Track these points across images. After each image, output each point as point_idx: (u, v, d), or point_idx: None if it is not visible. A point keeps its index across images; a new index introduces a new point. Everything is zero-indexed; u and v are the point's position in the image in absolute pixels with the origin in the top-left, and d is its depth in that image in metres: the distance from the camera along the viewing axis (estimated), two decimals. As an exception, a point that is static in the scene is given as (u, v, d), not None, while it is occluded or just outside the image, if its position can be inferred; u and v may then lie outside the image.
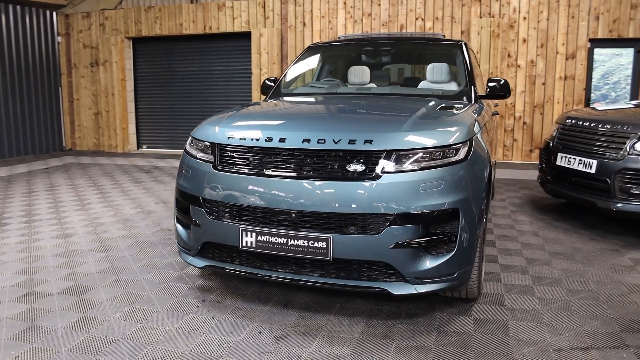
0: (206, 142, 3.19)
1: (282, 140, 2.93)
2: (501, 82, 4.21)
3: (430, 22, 9.39)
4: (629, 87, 9.70)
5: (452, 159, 2.87)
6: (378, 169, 2.78)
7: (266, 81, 4.72)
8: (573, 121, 5.17)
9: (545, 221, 5.30)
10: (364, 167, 2.79)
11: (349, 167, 2.80)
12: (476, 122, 3.34)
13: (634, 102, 6.01)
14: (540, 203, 6.12)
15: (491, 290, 3.54)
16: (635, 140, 4.48)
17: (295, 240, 2.80)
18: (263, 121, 3.37)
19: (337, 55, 5.00)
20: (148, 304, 3.29)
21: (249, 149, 2.99)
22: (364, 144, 2.82)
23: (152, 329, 2.95)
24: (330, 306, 3.26)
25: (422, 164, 2.81)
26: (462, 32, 9.30)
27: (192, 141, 3.36)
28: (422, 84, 4.33)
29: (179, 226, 3.37)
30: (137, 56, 10.94)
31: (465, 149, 2.94)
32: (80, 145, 11.38)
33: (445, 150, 2.87)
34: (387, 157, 2.79)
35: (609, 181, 4.57)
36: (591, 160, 4.76)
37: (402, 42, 4.69)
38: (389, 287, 2.83)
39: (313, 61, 4.91)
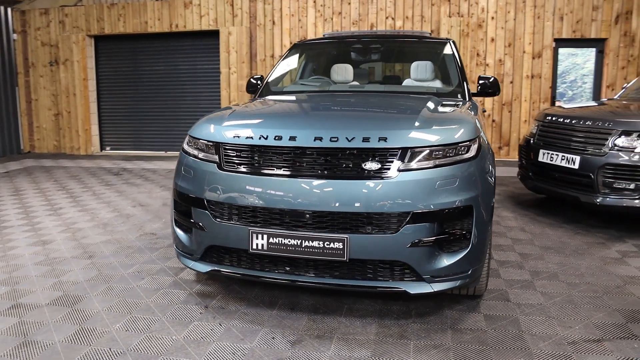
0: (209, 142, 3.06)
1: (292, 138, 2.84)
2: (490, 80, 4.26)
3: (401, 21, 9.45)
4: (584, 85, 10.07)
5: (465, 156, 2.86)
6: (394, 167, 2.73)
7: (251, 80, 4.61)
8: (553, 118, 5.28)
9: (529, 217, 5.40)
10: (379, 165, 2.73)
11: (365, 165, 2.74)
12: (477, 120, 3.35)
13: (596, 102, 6.21)
14: (520, 199, 6.25)
15: (493, 286, 3.56)
16: (616, 136, 4.61)
17: (310, 242, 2.72)
18: (267, 119, 3.26)
19: (325, 53, 4.94)
20: (147, 312, 3.13)
21: (257, 148, 2.89)
22: (379, 141, 2.77)
23: (158, 339, 2.80)
24: (338, 308, 3.20)
25: (437, 162, 2.78)
26: (431, 31, 9.40)
27: (190, 140, 3.22)
28: (415, 82, 4.32)
29: (178, 230, 3.23)
30: (100, 55, 10.54)
31: (475, 146, 2.94)
32: (39, 147, 10.87)
33: (457, 147, 2.85)
34: (403, 155, 2.75)
35: (592, 176, 4.69)
36: (574, 156, 4.87)
37: (392, 40, 4.67)
38: (406, 286, 2.79)
39: (300, 59, 4.82)
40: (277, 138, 2.86)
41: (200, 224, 2.99)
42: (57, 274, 3.74)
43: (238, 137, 2.96)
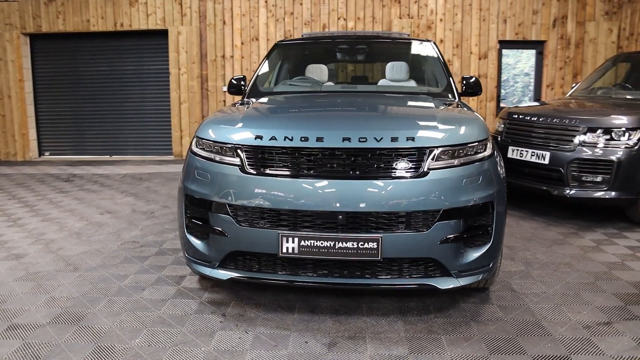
0: (227, 144, 2.96)
1: (319, 139, 2.81)
2: (472, 80, 4.40)
3: (352, 22, 9.57)
4: (516, 85, 10.69)
5: (484, 154, 2.96)
6: (424, 166, 2.78)
7: (233, 80, 4.49)
8: (520, 116, 5.56)
9: (501, 210, 5.64)
10: (410, 165, 2.77)
11: (395, 165, 2.76)
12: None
13: (555, 100, 6.60)
14: (485, 193, 6.50)
15: (495, 277, 3.70)
16: (583, 132, 4.92)
17: (344, 243, 2.71)
18: (287, 120, 3.19)
19: (311, 53, 4.91)
20: (164, 325, 2.98)
21: (283, 150, 2.83)
22: (407, 141, 2.81)
23: (188, 352, 2.68)
24: (358, 308, 3.20)
25: (462, 160, 2.86)
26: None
27: (202, 143, 3.10)
28: (404, 83, 4.39)
29: (191, 237, 3.10)
30: (37, 55, 9.86)
31: (490, 144, 3.05)
32: (-33, 155, 10.02)
33: (477, 145, 2.94)
34: (431, 154, 2.80)
35: (562, 171, 4.98)
36: (544, 152, 5.15)
37: (377, 41, 4.72)
38: (436, 282, 2.84)
39: (284, 59, 4.77)
40: (303, 139, 2.82)
41: (221, 229, 2.89)
42: (46, 290, 3.48)
43: (260, 138, 2.88)
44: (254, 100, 3.94)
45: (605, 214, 5.36)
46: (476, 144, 2.94)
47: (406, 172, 2.76)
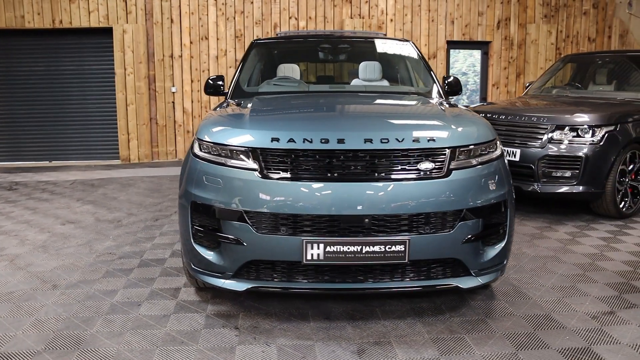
0: (240, 147, 2.80)
1: (340, 141, 2.73)
2: (452, 80, 4.46)
3: (304, 21, 9.50)
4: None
5: (496, 154, 3.00)
6: (446, 166, 2.76)
7: (209, 81, 4.30)
8: (489, 115, 5.71)
9: (472, 206, 5.78)
10: (433, 165, 2.75)
11: (419, 165, 2.73)
12: None
13: (519, 99, 6.87)
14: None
15: (492, 274, 3.76)
16: (552, 130, 5.14)
17: (371, 247, 2.64)
18: (303, 121, 3.07)
19: (292, 52, 4.79)
20: (175, 342, 2.79)
21: (304, 153, 2.72)
22: (428, 142, 2.78)
23: (213, 370, 2.52)
24: (371, 312, 3.14)
25: (478, 159, 2.88)
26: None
27: (206, 146, 2.92)
28: (391, 82, 4.38)
29: (199, 247, 2.92)
30: (-38, 53, 9.04)
31: (499, 144, 3.09)
32: None
33: (489, 145, 2.98)
34: (452, 154, 2.80)
35: (533, 167, 5.17)
36: (514, 149, 5.32)
37: (359, 40, 4.67)
38: (459, 282, 2.85)
39: (263, 58, 4.62)
40: (323, 141, 2.73)
41: (238, 238, 2.73)
42: (28, 312, 3.16)
43: (277, 141, 2.75)
44: (243, 100, 3.78)
45: (569, 208, 5.62)
46: (489, 143, 2.97)
47: (430, 172, 2.74)
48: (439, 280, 2.82)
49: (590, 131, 5.03)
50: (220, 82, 4.26)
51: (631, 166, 5.24)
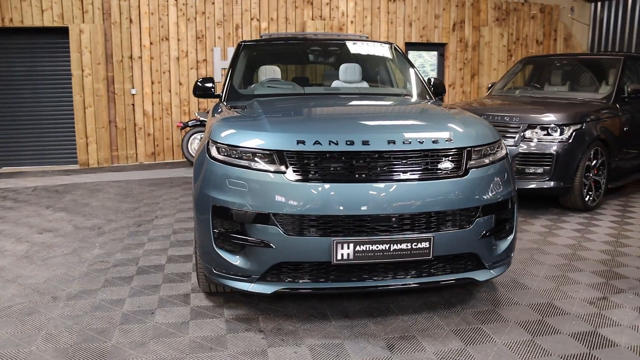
0: (265, 150, 2.82)
1: (365, 143, 2.80)
2: (436, 81, 4.62)
3: (266, 22, 9.49)
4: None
5: (503, 153, 3.16)
6: (464, 165, 2.90)
7: (198, 83, 4.25)
8: (462, 114, 5.94)
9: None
10: (453, 165, 2.87)
11: (440, 165, 2.85)
12: None
13: (488, 99, 7.17)
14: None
15: (488, 266, 3.95)
16: (524, 129, 5.43)
17: (399, 245, 2.74)
18: (326, 123, 3.13)
19: (282, 54, 4.80)
20: (204, 349, 2.77)
21: (330, 154, 2.77)
22: (446, 142, 2.91)
23: (251, 373, 2.53)
24: (386, 308, 3.24)
25: (490, 159, 3.04)
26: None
27: (227, 149, 2.91)
28: (379, 84, 4.49)
29: (222, 252, 2.90)
30: None
31: (504, 144, 3.27)
32: None
33: (496, 145, 3.14)
34: (468, 154, 2.93)
35: (507, 163, 5.43)
36: (489, 147, 5.57)
37: (347, 43, 4.74)
38: (475, 275, 2.99)
39: (252, 60, 4.60)
40: (348, 143, 2.80)
41: (266, 240, 2.75)
42: (36, 326, 3.03)
43: (303, 143, 2.79)
44: (243, 103, 3.78)
45: (539, 203, 5.95)
46: (496, 143, 3.13)
47: (450, 172, 2.86)
48: (458, 274, 2.95)
49: (559, 130, 5.35)
50: (209, 84, 4.21)
51: (594, 162, 5.61)
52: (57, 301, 3.38)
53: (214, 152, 2.99)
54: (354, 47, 4.75)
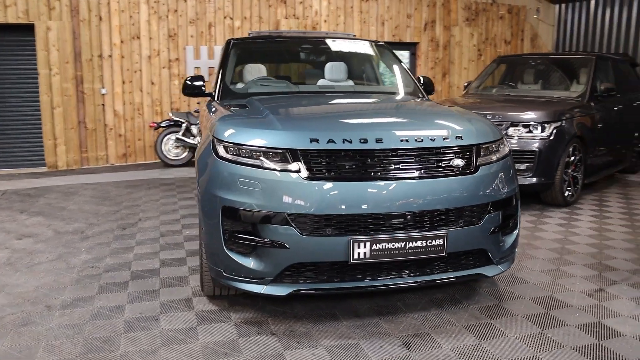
0: (276, 149, 2.76)
1: (379, 141, 2.79)
2: (425, 80, 4.66)
3: (239, 21, 9.37)
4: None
5: (506, 150, 3.21)
6: (474, 163, 2.92)
7: (187, 81, 4.16)
8: (444, 112, 6.02)
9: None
10: (464, 162, 2.90)
11: (452, 162, 2.87)
12: None
13: (466, 98, 7.28)
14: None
15: (484, 262, 4.01)
16: (507, 127, 5.54)
17: (414, 242, 2.74)
18: (339, 122, 3.11)
19: (272, 52, 4.73)
20: (219, 355, 2.70)
21: (345, 153, 2.75)
22: (456, 139, 2.93)
23: (272, 377, 2.48)
24: (394, 306, 3.24)
25: (496, 156, 3.08)
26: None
27: (233, 148, 2.84)
28: (374, 82, 4.49)
29: (233, 254, 2.84)
30: None
31: (506, 141, 3.32)
32: None
33: (500, 142, 3.19)
34: (477, 151, 2.97)
35: (491, 160, 5.54)
36: (473, 144, 5.66)
37: (338, 41, 4.72)
38: (485, 270, 3.03)
39: (243, 57, 4.51)
40: (362, 141, 2.78)
41: (281, 241, 2.70)
42: (34, 337, 2.89)
43: (317, 141, 2.76)
44: (240, 101, 3.71)
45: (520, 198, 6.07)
46: (500, 140, 3.18)
47: (462, 169, 2.88)
48: (469, 270, 2.98)
49: (541, 127, 5.49)
50: (199, 83, 4.12)
51: (572, 158, 5.78)
52: (52, 310, 3.23)
53: (221, 151, 2.91)
54: (345, 46, 4.74)
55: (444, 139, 2.90)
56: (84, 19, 8.49)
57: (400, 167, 2.78)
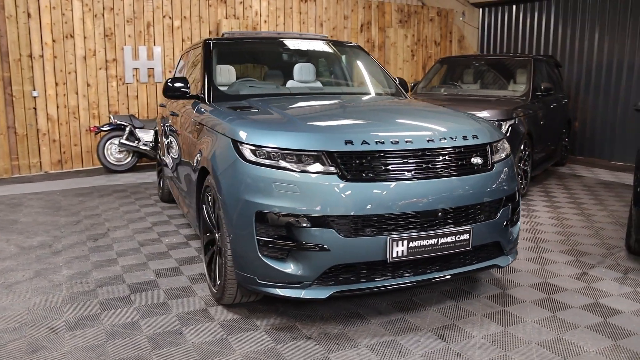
0: (311, 152, 2.77)
1: (408, 141, 2.88)
2: (399, 81, 4.82)
3: (178, 20, 9.08)
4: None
5: (509, 148, 3.43)
6: (490, 160, 3.10)
7: (168, 83, 4.01)
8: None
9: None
10: (483, 160, 3.06)
11: (473, 160, 3.02)
12: None
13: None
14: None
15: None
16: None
17: (445, 238, 2.87)
18: (368, 123, 3.19)
19: (254, 52, 4.63)
20: (261, 361, 2.66)
21: (379, 154, 2.81)
22: (473, 138, 3.09)
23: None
24: (411, 302, 3.36)
25: (505, 153, 3.29)
26: (210, 32, 9.37)
27: (263, 151, 2.81)
28: (358, 83, 4.58)
29: (269, 260, 2.80)
30: None
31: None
32: None
33: (504, 141, 3.40)
34: (492, 149, 3.15)
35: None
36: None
37: (319, 43, 4.72)
38: (499, 261, 3.23)
39: (225, 58, 4.40)
40: (394, 142, 2.86)
41: (321, 244, 2.71)
42: (46, 356, 2.68)
43: (351, 143, 2.79)
44: (239, 103, 3.66)
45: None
46: (504, 139, 3.38)
47: (481, 166, 3.05)
48: (486, 261, 3.16)
49: (498, 125, 5.85)
50: (180, 84, 3.98)
51: (523, 153, 6.22)
52: (58, 332, 3.00)
53: (247, 154, 2.86)
54: (326, 47, 4.78)
55: (464, 138, 3.05)
56: (11, 15, 7.82)
57: (430, 166, 2.89)
